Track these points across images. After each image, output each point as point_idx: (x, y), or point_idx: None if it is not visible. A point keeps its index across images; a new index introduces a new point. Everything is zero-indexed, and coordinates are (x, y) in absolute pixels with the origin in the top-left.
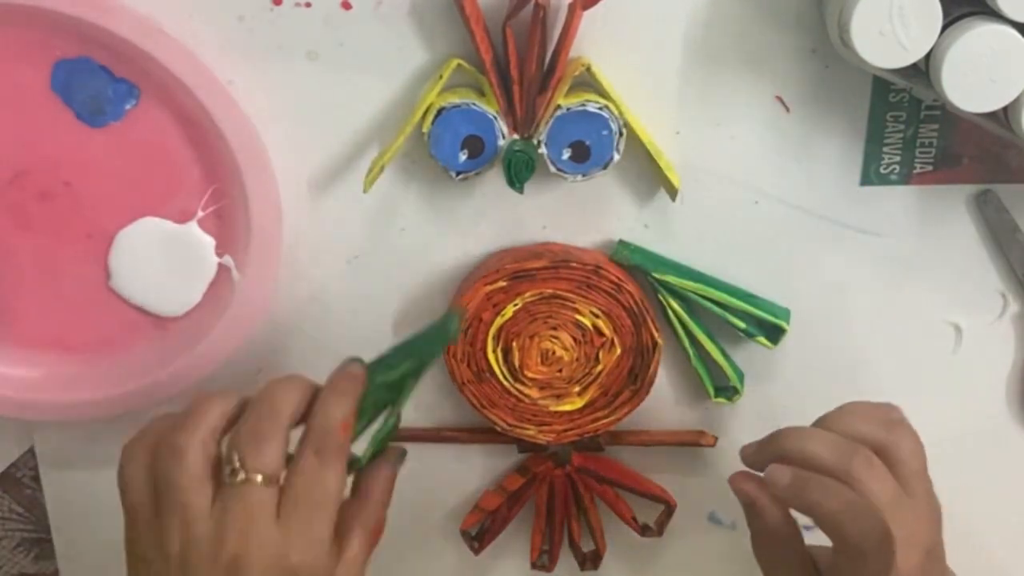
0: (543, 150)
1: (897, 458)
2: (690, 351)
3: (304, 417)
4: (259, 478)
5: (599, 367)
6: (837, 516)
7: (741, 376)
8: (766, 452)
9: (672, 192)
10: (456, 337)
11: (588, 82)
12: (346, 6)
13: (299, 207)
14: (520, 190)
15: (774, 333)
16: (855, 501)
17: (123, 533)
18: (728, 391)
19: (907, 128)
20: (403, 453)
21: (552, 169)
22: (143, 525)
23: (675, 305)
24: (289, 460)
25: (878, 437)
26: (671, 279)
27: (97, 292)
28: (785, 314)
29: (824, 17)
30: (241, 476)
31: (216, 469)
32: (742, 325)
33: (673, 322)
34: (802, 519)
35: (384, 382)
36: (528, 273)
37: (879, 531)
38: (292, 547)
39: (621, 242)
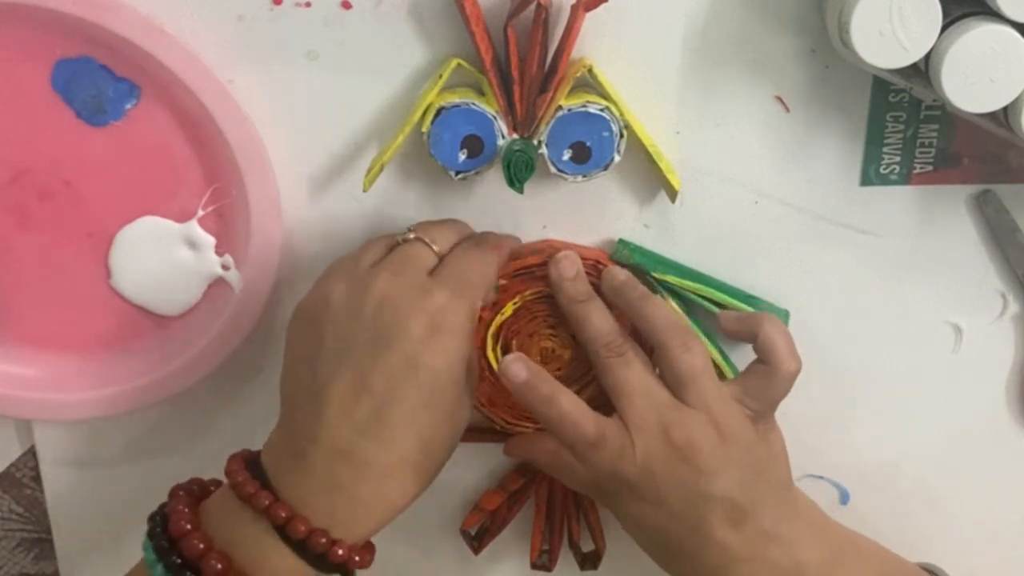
0: (544, 151)
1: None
2: None
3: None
4: (435, 246)
5: None
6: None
7: None
8: (746, 325)
9: (672, 194)
10: None
11: (589, 83)
12: (346, 6)
13: (299, 206)
14: (520, 190)
15: None
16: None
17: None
18: None
19: (907, 128)
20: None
21: (552, 170)
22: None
23: (675, 305)
24: None
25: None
26: (671, 279)
27: (97, 291)
28: (784, 315)
29: (824, 17)
30: (412, 236)
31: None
32: None
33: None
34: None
35: None
36: (528, 271)
37: (587, 439)
38: (435, 295)
39: (621, 241)
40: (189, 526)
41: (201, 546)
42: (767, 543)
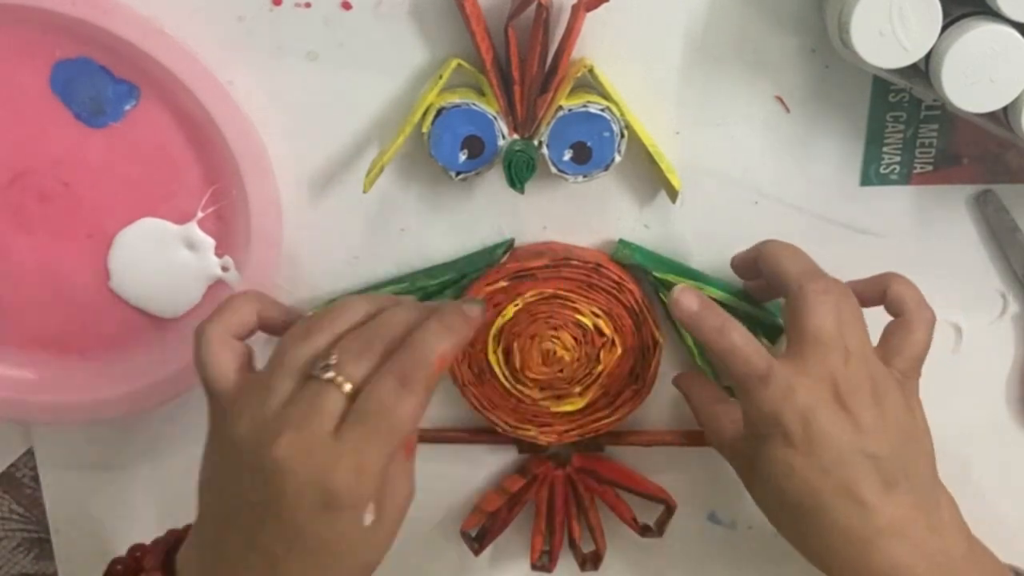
0: (544, 151)
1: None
2: (694, 350)
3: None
4: (347, 386)
5: (600, 367)
6: (725, 354)
7: None
8: (873, 287)
9: (672, 194)
10: (499, 260)
11: (590, 83)
12: (346, 6)
13: (299, 207)
14: (521, 190)
15: (773, 332)
16: (741, 344)
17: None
18: (730, 390)
19: (907, 128)
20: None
21: (553, 170)
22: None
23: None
24: None
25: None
26: (672, 278)
27: (97, 293)
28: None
29: (824, 17)
30: (330, 374)
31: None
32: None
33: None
34: None
35: (423, 287)
36: (529, 273)
37: (757, 373)
38: (338, 467)
39: (622, 241)
40: None
41: None
42: (916, 516)
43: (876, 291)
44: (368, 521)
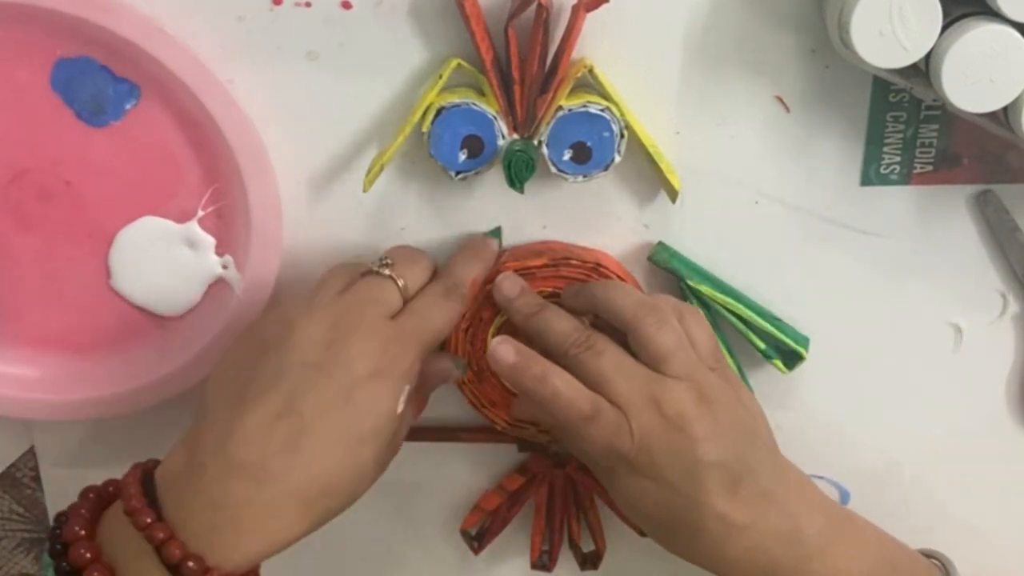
0: (544, 151)
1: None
2: None
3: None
4: (400, 281)
5: None
6: (548, 401)
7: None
8: (580, 297)
9: (672, 195)
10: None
11: (590, 83)
12: (346, 6)
13: (299, 207)
14: (521, 190)
15: (791, 359)
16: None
17: None
18: None
19: (907, 128)
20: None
21: (553, 170)
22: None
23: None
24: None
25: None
26: (704, 289)
27: (98, 292)
28: (804, 341)
29: (824, 17)
30: (388, 272)
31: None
32: (762, 346)
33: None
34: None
35: None
36: (528, 272)
37: (583, 414)
38: (393, 342)
39: (661, 244)
40: (83, 532)
41: (88, 555)
42: (765, 506)
43: (586, 306)
44: (402, 407)
